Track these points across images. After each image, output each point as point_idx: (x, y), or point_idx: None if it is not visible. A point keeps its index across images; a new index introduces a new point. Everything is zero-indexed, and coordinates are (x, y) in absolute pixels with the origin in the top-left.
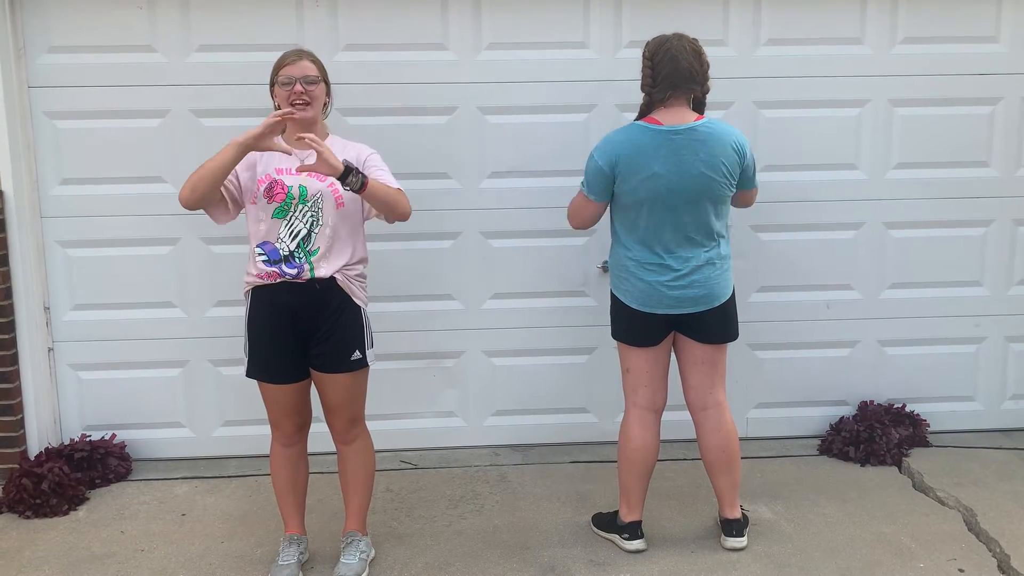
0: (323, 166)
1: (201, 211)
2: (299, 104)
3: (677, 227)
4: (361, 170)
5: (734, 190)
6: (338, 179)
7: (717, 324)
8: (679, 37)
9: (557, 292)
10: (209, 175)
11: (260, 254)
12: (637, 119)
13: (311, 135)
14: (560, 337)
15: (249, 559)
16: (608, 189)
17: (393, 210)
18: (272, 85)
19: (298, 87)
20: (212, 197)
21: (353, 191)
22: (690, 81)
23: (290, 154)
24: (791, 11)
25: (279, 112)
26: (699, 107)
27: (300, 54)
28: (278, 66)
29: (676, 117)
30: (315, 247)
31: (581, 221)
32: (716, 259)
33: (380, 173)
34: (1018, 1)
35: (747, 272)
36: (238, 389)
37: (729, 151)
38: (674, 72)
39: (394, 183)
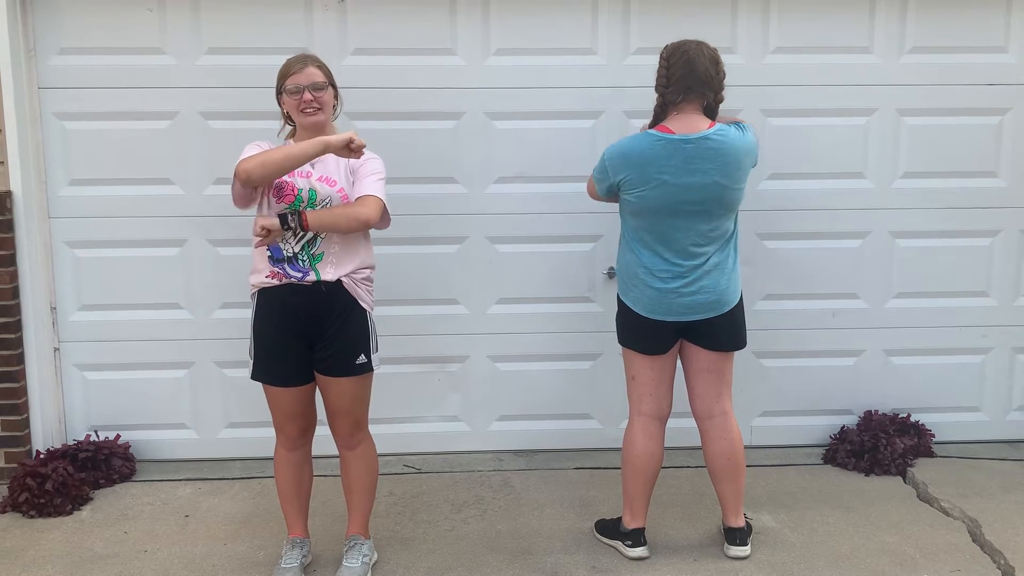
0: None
1: (211, 215)
2: (309, 111)
3: (688, 234)
4: (352, 175)
5: (743, 196)
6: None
7: (726, 331)
8: (698, 43)
9: (563, 298)
10: (287, 163)
11: (265, 251)
12: (651, 125)
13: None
14: (565, 343)
15: (252, 561)
16: (611, 192)
17: (341, 230)
18: (279, 93)
19: (307, 95)
20: (270, 181)
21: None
22: (704, 86)
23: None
24: (799, 19)
25: (356, 144)
26: (711, 114)
27: (305, 60)
28: (284, 74)
29: (688, 124)
30: (319, 251)
31: (595, 197)
32: (725, 265)
33: (364, 181)
34: None
35: (753, 280)
36: (243, 391)
37: (742, 159)
38: (689, 74)
39: (370, 188)
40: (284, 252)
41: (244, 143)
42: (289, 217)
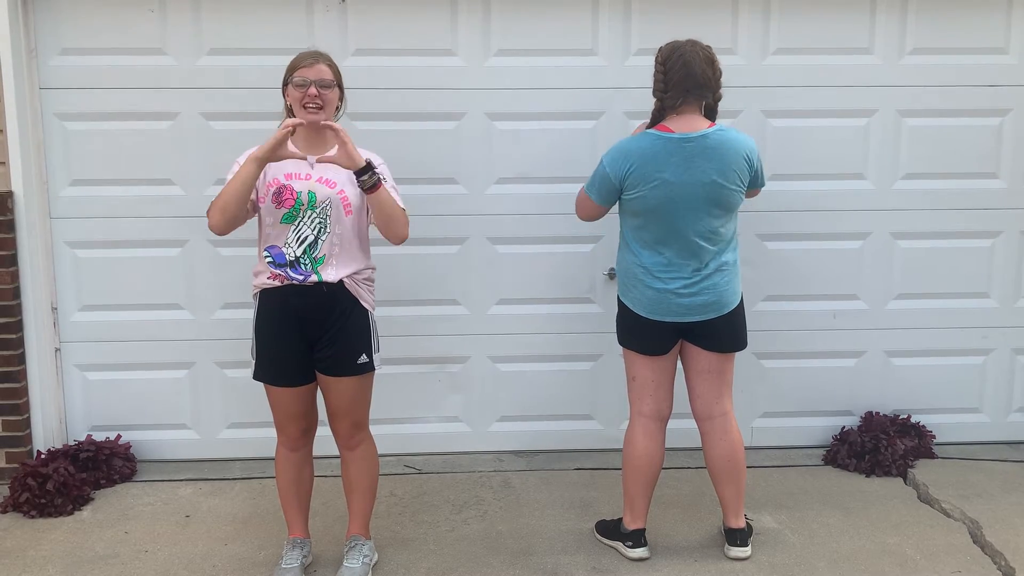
0: (344, 158)
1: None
2: (311, 107)
3: (687, 234)
4: (353, 184)
5: (744, 197)
6: (355, 172)
7: (726, 332)
8: (692, 43)
9: (563, 298)
10: (235, 196)
11: (267, 257)
12: (650, 126)
13: (337, 125)
14: (566, 343)
15: (252, 562)
16: (612, 196)
17: (392, 223)
18: (285, 85)
19: (312, 90)
20: (240, 215)
21: (363, 189)
22: (702, 88)
23: (304, 159)
24: (800, 20)
25: (290, 122)
26: (711, 114)
27: (317, 56)
28: (293, 67)
29: (688, 124)
30: (321, 254)
31: (585, 215)
32: (725, 266)
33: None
34: None
35: (753, 281)
36: (244, 391)
37: (740, 159)
38: (686, 78)
39: (399, 203)
40: (286, 257)
41: (245, 144)
42: (371, 171)
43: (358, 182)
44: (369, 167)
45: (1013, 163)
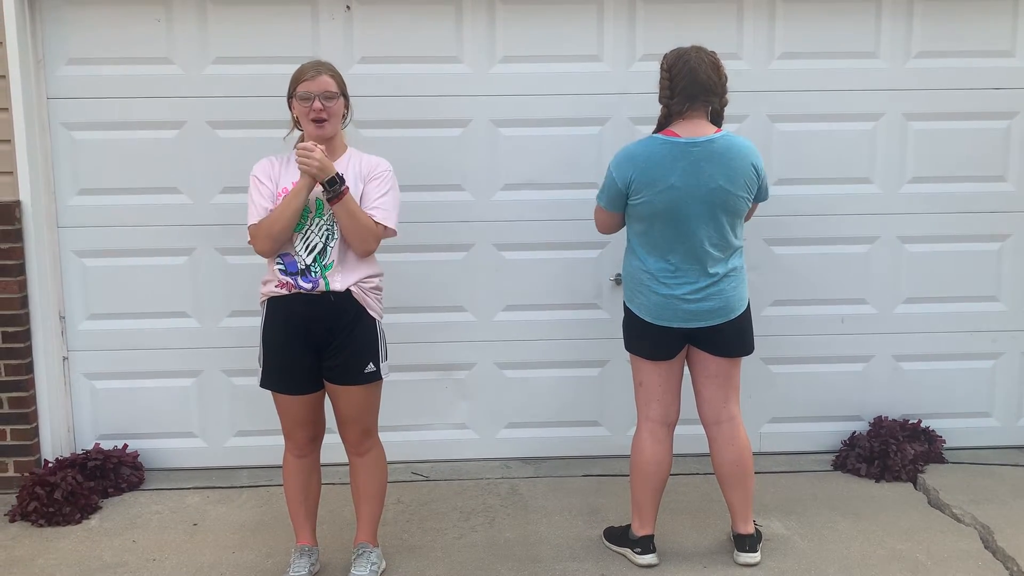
0: (315, 168)
1: (218, 224)
2: (317, 121)
3: (694, 239)
4: (362, 182)
5: (751, 203)
6: (324, 182)
7: (733, 337)
8: (697, 49)
9: (570, 304)
10: (287, 223)
11: (279, 265)
12: (656, 132)
13: (315, 145)
14: (572, 350)
15: (260, 570)
16: (620, 202)
17: (352, 235)
18: (290, 97)
19: (317, 104)
20: (288, 238)
21: (327, 199)
22: (708, 93)
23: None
24: (805, 25)
25: (302, 146)
26: (717, 120)
27: (319, 68)
28: (297, 78)
29: (694, 130)
30: (329, 261)
31: (605, 228)
32: (732, 272)
33: (378, 197)
34: None
35: (761, 286)
36: (251, 399)
37: (748, 166)
38: (692, 83)
39: (382, 211)
40: (298, 265)
41: (251, 152)
42: (339, 181)
43: (324, 190)
44: (335, 180)
45: (1021, 166)
